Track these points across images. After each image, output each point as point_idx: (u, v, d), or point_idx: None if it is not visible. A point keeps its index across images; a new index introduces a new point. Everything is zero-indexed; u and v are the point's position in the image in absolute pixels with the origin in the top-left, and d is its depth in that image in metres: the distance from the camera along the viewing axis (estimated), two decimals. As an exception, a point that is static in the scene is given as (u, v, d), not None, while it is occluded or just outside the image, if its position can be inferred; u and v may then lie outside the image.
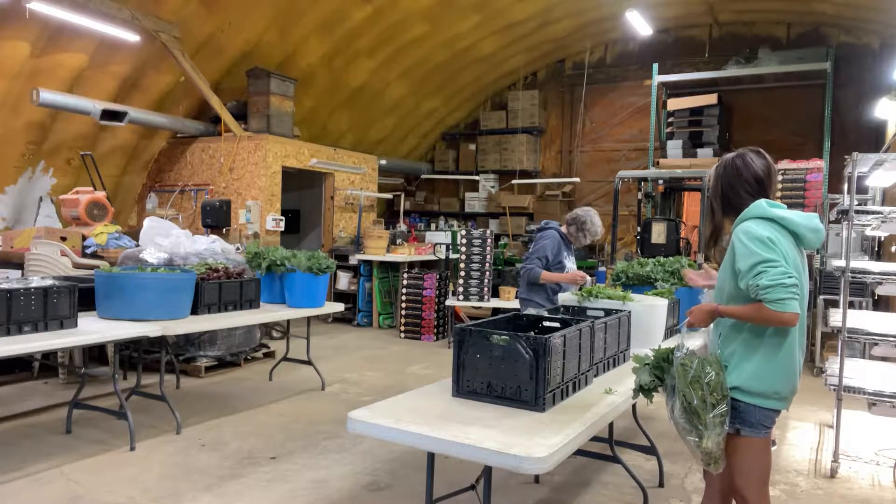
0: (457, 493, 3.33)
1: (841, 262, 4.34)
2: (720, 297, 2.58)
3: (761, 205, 2.48)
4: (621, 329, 3.38)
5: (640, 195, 9.34)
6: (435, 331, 8.86)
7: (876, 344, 4.34)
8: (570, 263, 4.94)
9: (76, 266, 6.05)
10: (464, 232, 8.24)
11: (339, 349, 7.98)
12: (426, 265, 10.30)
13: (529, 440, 2.23)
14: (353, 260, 9.69)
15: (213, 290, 4.98)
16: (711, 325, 2.61)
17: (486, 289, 7.95)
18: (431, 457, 2.60)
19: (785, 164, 8.27)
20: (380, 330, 9.51)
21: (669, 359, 2.47)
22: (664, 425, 5.22)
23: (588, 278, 4.67)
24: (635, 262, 4.77)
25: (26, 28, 6.66)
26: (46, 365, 6.06)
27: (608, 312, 3.40)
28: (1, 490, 3.66)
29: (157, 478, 3.92)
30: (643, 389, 2.56)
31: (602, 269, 9.93)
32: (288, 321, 6.32)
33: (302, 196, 10.70)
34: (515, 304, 7.42)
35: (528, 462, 2.10)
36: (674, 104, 10.43)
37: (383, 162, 11.36)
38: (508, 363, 2.58)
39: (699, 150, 9.88)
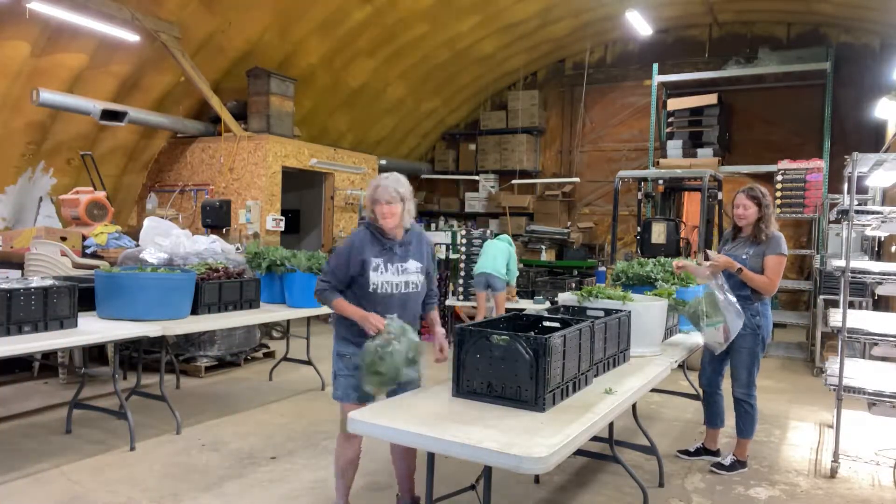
0: (457, 493, 3.33)
1: (841, 262, 4.33)
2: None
3: None
4: (621, 329, 3.38)
5: (640, 195, 9.34)
6: (435, 331, 8.80)
7: (876, 344, 4.34)
8: (390, 274, 3.03)
9: (76, 266, 6.04)
10: (464, 232, 8.24)
11: (339, 349, 7.97)
12: (426, 265, 10.27)
13: (529, 440, 2.23)
14: (353, 260, 9.66)
15: (213, 290, 4.98)
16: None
17: (486, 289, 7.93)
18: (431, 457, 2.60)
19: (785, 164, 8.27)
20: (380, 330, 9.47)
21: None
22: (664, 425, 5.23)
23: (381, 326, 3.00)
24: (635, 262, 4.76)
25: (26, 28, 6.66)
26: (46, 365, 6.06)
27: (608, 312, 3.40)
28: (1, 490, 3.66)
29: (157, 478, 3.92)
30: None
31: (602, 269, 9.94)
32: (288, 321, 6.32)
33: (302, 196, 10.70)
34: (516, 303, 7.43)
35: (527, 462, 2.10)
36: (674, 104, 10.43)
37: (383, 162, 11.36)
38: (508, 363, 2.58)
39: (699, 150, 9.89)
